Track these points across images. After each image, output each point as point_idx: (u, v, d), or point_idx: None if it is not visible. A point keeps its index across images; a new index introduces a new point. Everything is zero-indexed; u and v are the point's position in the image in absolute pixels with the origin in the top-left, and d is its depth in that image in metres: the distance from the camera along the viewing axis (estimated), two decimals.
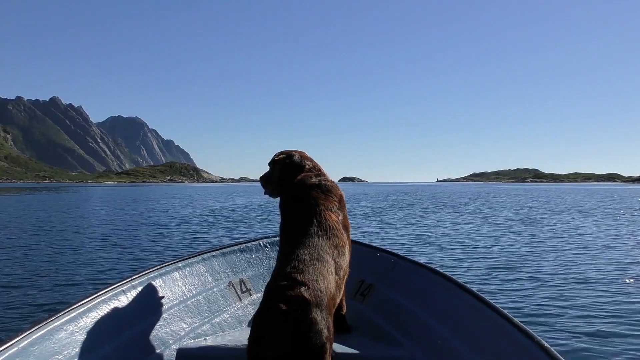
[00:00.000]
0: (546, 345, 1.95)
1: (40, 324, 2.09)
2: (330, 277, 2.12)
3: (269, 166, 2.79)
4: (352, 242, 2.70)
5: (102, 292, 2.48)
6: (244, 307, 3.14)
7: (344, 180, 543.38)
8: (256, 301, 3.11)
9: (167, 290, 2.83)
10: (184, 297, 2.90)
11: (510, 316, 2.21)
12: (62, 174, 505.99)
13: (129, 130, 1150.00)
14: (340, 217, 2.48)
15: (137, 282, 2.68)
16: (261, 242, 3.52)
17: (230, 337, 2.85)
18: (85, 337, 2.24)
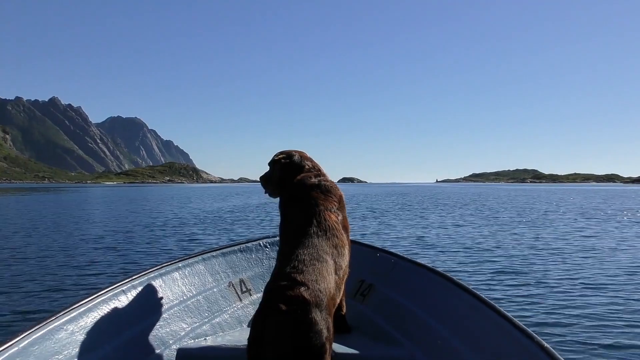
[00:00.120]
0: (546, 345, 1.94)
1: (40, 323, 2.09)
2: (329, 277, 2.12)
3: (268, 166, 2.79)
4: (352, 242, 2.72)
5: (103, 292, 2.47)
6: (244, 307, 3.14)
7: (344, 180, 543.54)
8: (256, 301, 3.08)
9: (167, 290, 2.84)
10: (184, 297, 2.90)
11: (510, 316, 2.21)
12: (62, 174, 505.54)
13: (128, 130, 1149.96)
14: (339, 218, 2.48)
15: (137, 282, 2.69)
16: (261, 242, 3.51)
17: (230, 337, 2.86)
18: (85, 337, 2.25)
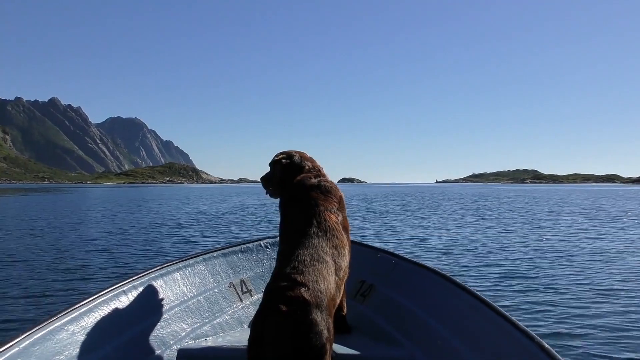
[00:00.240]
0: (546, 346, 1.94)
1: (41, 324, 2.10)
2: (330, 278, 2.12)
3: (269, 167, 2.79)
4: (352, 242, 2.73)
5: (103, 292, 2.47)
6: (244, 307, 3.14)
7: (344, 181, 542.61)
8: (257, 302, 3.06)
9: (168, 290, 2.84)
10: (185, 298, 2.90)
11: (510, 317, 2.20)
12: (61, 174, 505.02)
13: (128, 131, 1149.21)
14: (339, 218, 2.48)
15: (138, 282, 2.69)
16: (262, 243, 3.51)
17: (230, 337, 2.86)
18: (86, 337, 2.25)
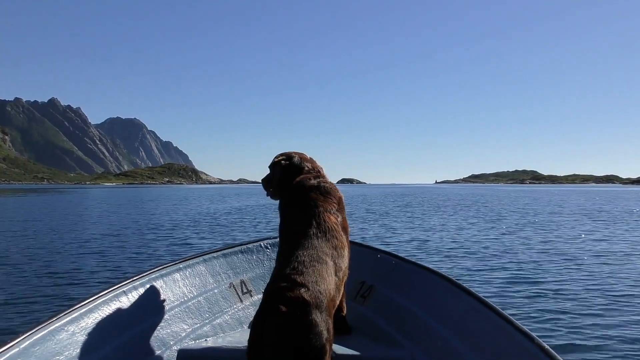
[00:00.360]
0: (547, 347, 1.94)
1: (41, 324, 2.10)
2: (329, 279, 2.12)
3: (269, 169, 2.79)
4: (352, 243, 2.76)
5: (103, 292, 2.48)
6: (244, 308, 3.14)
7: (343, 181, 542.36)
8: (257, 302, 3.00)
9: (168, 291, 2.83)
10: (185, 298, 2.90)
11: (510, 318, 2.20)
12: (61, 175, 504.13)
13: (127, 131, 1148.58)
14: (339, 219, 2.48)
15: (138, 282, 2.68)
16: (262, 243, 3.50)
17: (230, 338, 2.86)
18: (86, 337, 2.25)
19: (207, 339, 2.81)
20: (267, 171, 2.83)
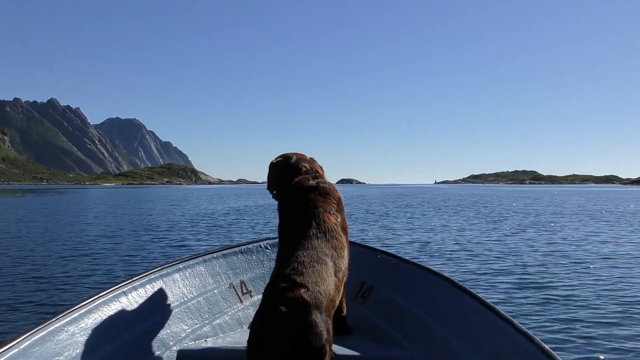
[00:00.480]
0: (547, 347, 1.93)
1: (41, 325, 2.10)
2: (329, 279, 2.11)
3: (268, 169, 2.80)
4: (352, 243, 2.77)
5: (103, 293, 2.47)
6: (244, 308, 3.13)
7: (342, 182, 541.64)
8: (257, 303, 2.96)
9: (168, 291, 2.82)
10: (185, 299, 2.89)
11: (510, 318, 2.18)
12: (60, 175, 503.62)
13: (126, 131, 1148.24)
14: (338, 220, 2.47)
15: (138, 283, 2.68)
16: (262, 244, 3.49)
17: (230, 338, 2.85)
18: (85, 338, 2.25)
19: (207, 340, 2.81)
20: (267, 171, 2.83)
